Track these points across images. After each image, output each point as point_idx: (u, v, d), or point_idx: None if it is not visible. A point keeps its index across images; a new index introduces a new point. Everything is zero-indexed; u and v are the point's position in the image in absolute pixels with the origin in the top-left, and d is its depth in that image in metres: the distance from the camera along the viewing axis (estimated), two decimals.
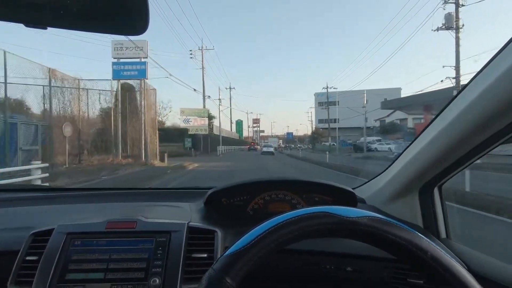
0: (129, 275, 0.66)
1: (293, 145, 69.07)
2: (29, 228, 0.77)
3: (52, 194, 1.30)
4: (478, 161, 0.72)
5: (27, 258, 0.69)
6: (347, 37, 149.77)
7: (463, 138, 0.65)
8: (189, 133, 26.21)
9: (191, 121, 26.88)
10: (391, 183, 0.94)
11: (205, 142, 27.89)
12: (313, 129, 60.21)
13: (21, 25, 0.38)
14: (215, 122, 34.42)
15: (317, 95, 62.08)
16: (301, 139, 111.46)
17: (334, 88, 42.70)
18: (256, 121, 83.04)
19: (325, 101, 63.46)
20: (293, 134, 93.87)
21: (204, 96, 29.91)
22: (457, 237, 0.88)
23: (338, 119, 58.41)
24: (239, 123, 65.23)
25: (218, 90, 38.13)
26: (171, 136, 24.19)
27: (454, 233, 0.87)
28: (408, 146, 0.86)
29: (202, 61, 29.64)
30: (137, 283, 0.65)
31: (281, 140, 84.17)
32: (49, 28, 0.39)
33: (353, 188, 1.06)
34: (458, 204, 3.43)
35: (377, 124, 47.90)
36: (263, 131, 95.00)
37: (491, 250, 0.80)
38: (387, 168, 1.00)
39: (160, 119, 33.99)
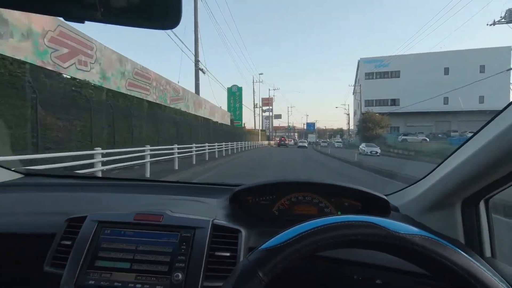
0: (153, 268, 0.68)
1: (340, 141, 44.82)
2: (64, 213, 0.81)
3: (86, 182, 1.35)
4: None
5: (62, 242, 0.74)
6: None
7: None
8: None
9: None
10: (430, 192, 0.87)
11: None
12: (361, 115, 38.22)
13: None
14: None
15: (363, 61, 41.21)
16: (321, 132, 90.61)
17: None
18: (267, 101, 53.21)
19: (376, 71, 42.04)
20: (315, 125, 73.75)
21: None
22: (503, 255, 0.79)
23: (398, 99, 37.95)
24: (233, 93, 32.86)
25: None
26: None
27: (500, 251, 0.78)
28: (454, 151, 0.79)
29: None
30: (160, 276, 0.67)
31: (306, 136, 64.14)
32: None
33: (386, 195, 0.99)
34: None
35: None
36: (279, 116, 72.59)
37: None
38: (426, 175, 0.92)
39: None
